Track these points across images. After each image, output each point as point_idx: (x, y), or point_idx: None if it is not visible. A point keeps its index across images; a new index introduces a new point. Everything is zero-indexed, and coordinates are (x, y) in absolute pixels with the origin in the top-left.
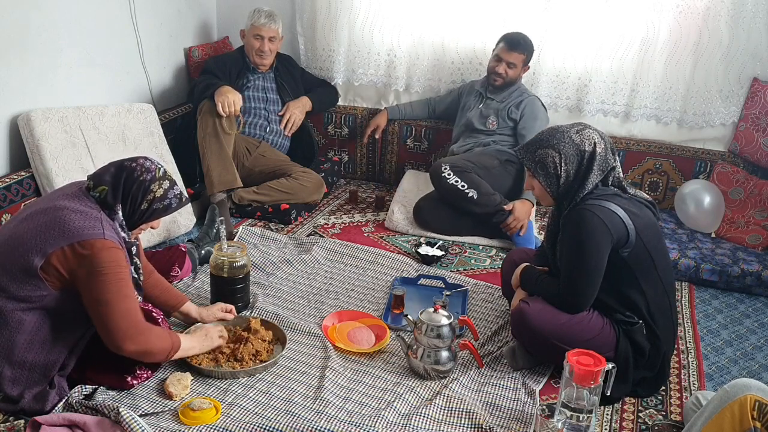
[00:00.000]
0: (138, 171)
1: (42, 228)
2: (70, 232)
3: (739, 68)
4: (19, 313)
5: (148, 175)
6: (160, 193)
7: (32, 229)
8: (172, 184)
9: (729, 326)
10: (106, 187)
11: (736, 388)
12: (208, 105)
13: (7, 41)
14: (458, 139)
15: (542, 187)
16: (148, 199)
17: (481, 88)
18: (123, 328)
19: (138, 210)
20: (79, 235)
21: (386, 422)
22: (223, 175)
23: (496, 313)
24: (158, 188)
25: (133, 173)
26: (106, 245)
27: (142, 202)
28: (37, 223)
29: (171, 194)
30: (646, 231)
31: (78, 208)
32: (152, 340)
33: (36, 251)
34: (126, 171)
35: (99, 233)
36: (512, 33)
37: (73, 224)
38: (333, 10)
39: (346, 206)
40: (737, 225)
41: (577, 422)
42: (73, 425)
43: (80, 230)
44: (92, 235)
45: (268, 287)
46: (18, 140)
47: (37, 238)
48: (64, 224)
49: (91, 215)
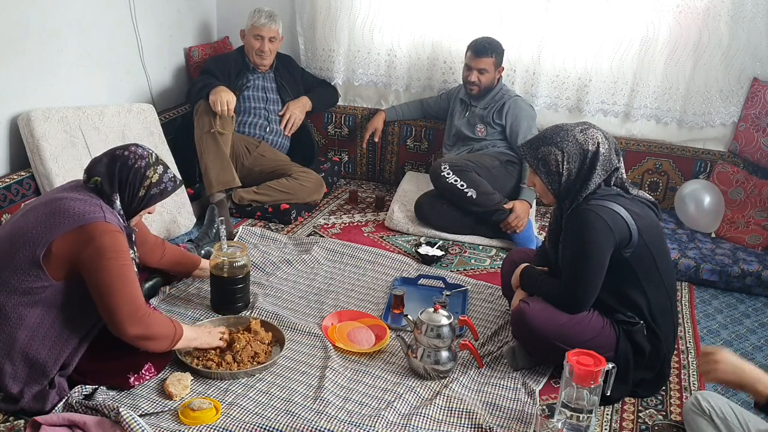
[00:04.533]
0: (132, 159)
1: (43, 218)
2: (72, 216)
3: (739, 68)
4: (20, 308)
5: (143, 161)
6: (156, 179)
7: (33, 220)
8: (165, 168)
9: (729, 326)
10: (100, 178)
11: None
12: (204, 105)
13: (7, 41)
14: (453, 147)
15: (543, 185)
16: (145, 186)
17: (464, 96)
18: (126, 311)
19: (136, 197)
20: (82, 219)
21: (386, 422)
22: (221, 175)
23: (496, 313)
24: (153, 173)
25: (127, 161)
26: (109, 228)
27: (140, 189)
28: (38, 215)
29: (166, 178)
30: (648, 231)
31: (77, 196)
32: (155, 325)
33: (38, 240)
34: (120, 160)
35: (100, 216)
36: (478, 39)
37: (74, 210)
38: (333, 10)
39: (346, 206)
40: (737, 225)
41: (577, 422)
42: (73, 425)
43: (82, 214)
44: (94, 218)
45: (268, 287)
46: (18, 140)
47: (38, 228)
48: (65, 211)
49: (90, 202)
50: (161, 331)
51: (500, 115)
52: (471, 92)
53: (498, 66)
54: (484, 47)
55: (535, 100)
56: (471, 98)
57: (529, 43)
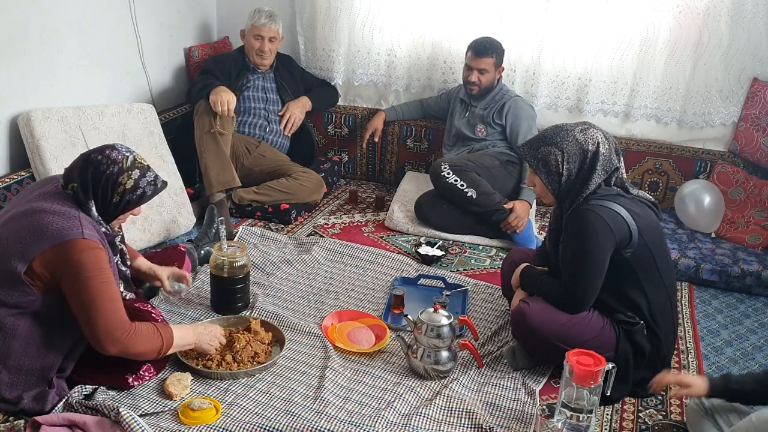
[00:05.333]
0: (104, 164)
1: (21, 233)
2: (49, 234)
3: (739, 68)
4: (11, 318)
5: (115, 167)
6: (131, 185)
7: (12, 234)
8: (144, 171)
9: (729, 326)
10: (76, 183)
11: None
12: (204, 105)
13: (7, 41)
14: (453, 147)
15: (544, 185)
16: (119, 192)
17: (464, 96)
18: (105, 330)
19: (111, 203)
20: (59, 237)
21: (386, 422)
22: (221, 175)
23: (496, 313)
24: (127, 179)
25: (99, 167)
26: (87, 245)
27: (113, 196)
28: (16, 228)
29: (143, 182)
30: (648, 231)
31: (55, 209)
32: (137, 344)
33: (18, 257)
34: (92, 165)
35: (78, 233)
36: (478, 39)
37: (51, 227)
38: (333, 10)
39: (346, 206)
40: (737, 225)
41: (577, 422)
42: (73, 425)
43: (59, 232)
44: (72, 236)
45: (268, 287)
46: (18, 140)
47: (17, 244)
48: (43, 227)
49: (69, 215)
50: (144, 348)
51: (500, 116)
52: (471, 92)
53: (498, 66)
54: (485, 47)
55: (535, 100)
56: (471, 98)
57: (529, 43)
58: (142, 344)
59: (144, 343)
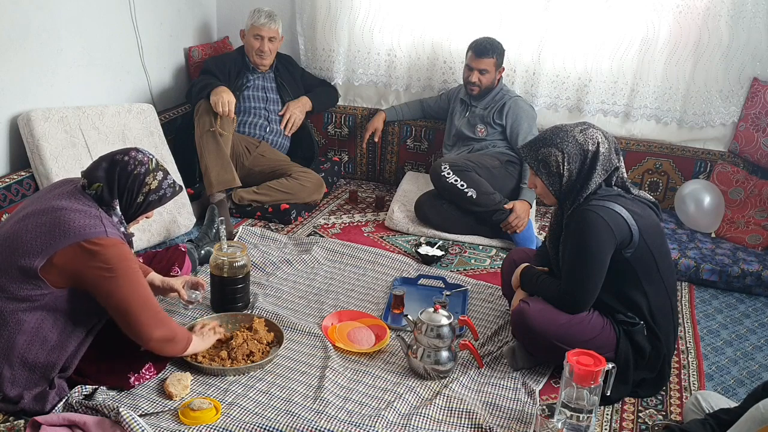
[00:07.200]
0: (132, 164)
1: (42, 229)
2: (73, 231)
3: (739, 68)
4: (18, 313)
5: (142, 167)
6: (155, 185)
7: (32, 230)
8: (165, 174)
9: (729, 326)
10: (101, 184)
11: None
12: (205, 105)
13: (7, 41)
14: (453, 147)
15: (544, 186)
16: (144, 192)
17: (464, 96)
18: (147, 317)
19: (134, 203)
20: (84, 234)
21: (386, 422)
22: (221, 175)
23: (496, 313)
24: (153, 180)
25: (126, 167)
26: (112, 242)
27: (138, 196)
28: (36, 224)
29: (165, 184)
30: (649, 232)
31: (76, 207)
32: (175, 325)
33: (37, 252)
34: (119, 165)
35: (102, 231)
36: (479, 39)
37: (75, 223)
38: (333, 10)
39: (346, 206)
40: (737, 225)
41: (577, 422)
42: (73, 425)
43: (83, 228)
44: (97, 234)
45: (268, 287)
46: (18, 140)
47: (37, 240)
48: (66, 224)
49: (90, 213)
50: (180, 332)
51: (501, 116)
52: (471, 92)
53: (498, 66)
54: (485, 48)
55: (535, 101)
56: (471, 98)
57: (529, 43)
58: (178, 327)
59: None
